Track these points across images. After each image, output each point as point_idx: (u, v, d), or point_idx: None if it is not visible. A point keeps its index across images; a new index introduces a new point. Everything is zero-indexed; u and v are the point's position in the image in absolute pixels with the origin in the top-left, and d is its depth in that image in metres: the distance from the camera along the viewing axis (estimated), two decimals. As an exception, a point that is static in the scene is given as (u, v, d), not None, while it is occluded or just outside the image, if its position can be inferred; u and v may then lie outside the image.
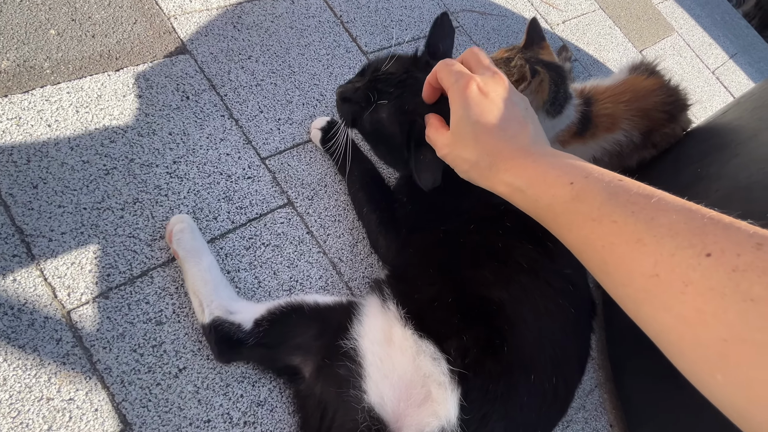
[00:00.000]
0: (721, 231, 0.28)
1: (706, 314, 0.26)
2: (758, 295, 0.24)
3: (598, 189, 0.35)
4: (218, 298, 0.57)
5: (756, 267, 0.25)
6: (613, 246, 0.32)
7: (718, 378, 0.26)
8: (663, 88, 0.89)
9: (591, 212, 0.34)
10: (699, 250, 0.27)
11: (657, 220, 0.30)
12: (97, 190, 0.62)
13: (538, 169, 0.40)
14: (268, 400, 0.59)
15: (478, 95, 0.45)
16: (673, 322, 0.28)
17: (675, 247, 0.29)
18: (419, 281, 0.59)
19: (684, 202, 0.31)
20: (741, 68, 1.77)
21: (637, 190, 0.33)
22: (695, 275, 0.27)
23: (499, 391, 0.51)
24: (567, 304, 0.57)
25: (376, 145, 0.69)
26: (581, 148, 0.89)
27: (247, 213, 0.69)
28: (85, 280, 0.57)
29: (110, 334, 0.55)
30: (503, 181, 0.43)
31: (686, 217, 0.29)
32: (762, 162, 0.61)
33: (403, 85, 0.63)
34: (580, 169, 0.37)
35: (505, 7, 1.25)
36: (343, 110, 0.67)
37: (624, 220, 0.32)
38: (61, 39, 0.69)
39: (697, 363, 0.27)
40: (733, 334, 0.25)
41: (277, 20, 0.89)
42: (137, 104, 0.69)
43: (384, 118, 0.63)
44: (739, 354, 0.25)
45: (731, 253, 0.26)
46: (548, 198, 0.38)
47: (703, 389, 0.27)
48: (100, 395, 0.52)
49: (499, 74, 0.47)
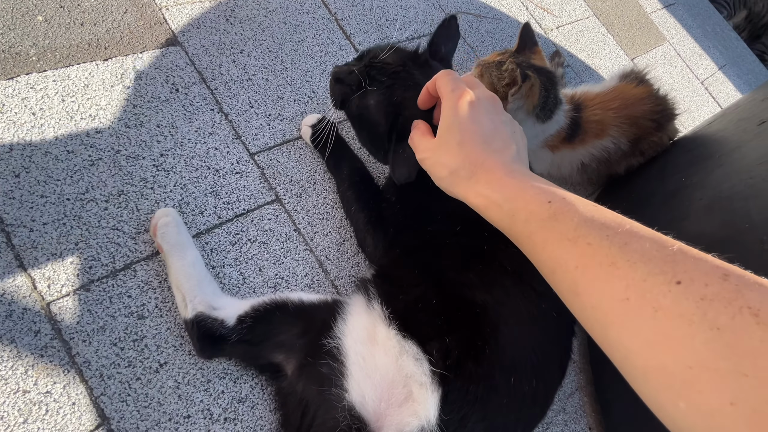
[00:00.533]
0: (690, 261, 0.28)
1: (673, 340, 0.27)
2: (724, 324, 0.25)
3: (574, 211, 0.36)
4: (202, 293, 0.56)
5: (722, 297, 0.26)
6: (586, 267, 0.33)
7: (680, 406, 0.26)
8: (652, 97, 0.90)
9: (567, 232, 0.35)
10: (670, 277, 0.28)
11: (630, 246, 0.31)
12: (81, 181, 0.61)
13: (518, 185, 0.41)
14: (249, 396, 0.58)
15: (470, 107, 0.46)
16: (640, 346, 0.28)
17: (647, 272, 0.29)
18: (404, 282, 0.59)
19: (655, 232, 0.32)
20: (729, 79, 1.80)
21: (611, 216, 0.34)
22: (665, 301, 0.28)
23: (480, 392, 0.51)
24: (549, 308, 0.58)
25: (359, 131, 0.70)
26: (570, 153, 0.90)
27: (234, 208, 0.68)
28: (66, 271, 0.56)
29: (90, 327, 0.55)
30: (481, 193, 0.43)
31: (658, 245, 0.30)
32: (744, 173, 0.62)
33: (396, 76, 0.64)
34: (557, 192, 0.38)
35: (500, 11, 1.26)
36: (334, 90, 0.68)
37: (599, 242, 0.32)
38: (48, 26, 0.68)
39: (661, 389, 0.28)
40: (698, 362, 0.25)
41: (270, 15, 0.88)
42: (125, 95, 0.69)
43: (371, 104, 0.64)
44: (703, 382, 0.25)
45: (700, 283, 0.27)
46: (525, 214, 0.39)
47: (665, 417, 0.28)
48: (78, 389, 0.52)
49: (494, 96, 0.50)
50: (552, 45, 1.31)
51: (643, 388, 0.29)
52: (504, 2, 1.28)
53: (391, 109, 0.63)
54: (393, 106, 0.63)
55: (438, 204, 0.66)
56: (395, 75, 0.64)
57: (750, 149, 0.65)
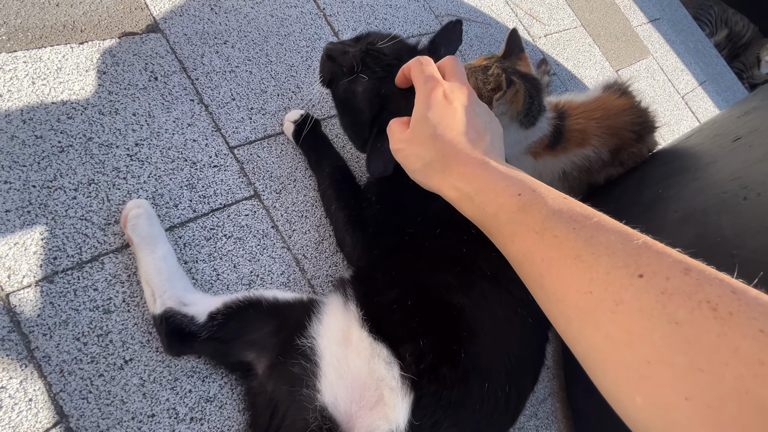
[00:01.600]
0: (654, 254, 0.28)
1: (632, 334, 0.27)
2: (682, 319, 0.25)
3: (543, 203, 0.35)
4: (172, 288, 0.55)
5: (682, 291, 0.26)
6: (552, 260, 0.33)
7: (637, 401, 0.26)
8: (633, 109, 0.91)
9: (535, 225, 0.35)
10: (632, 270, 0.28)
11: (596, 239, 0.31)
12: (49, 168, 0.58)
13: (489, 177, 0.40)
14: (217, 396, 0.57)
15: (442, 100, 0.46)
16: (601, 340, 0.28)
17: (610, 266, 0.29)
18: (381, 283, 0.58)
19: (622, 225, 0.32)
20: (709, 95, 1.85)
21: (579, 209, 0.34)
22: (627, 295, 0.28)
23: (453, 397, 0.51)
24: (525, 313, 0.58)
25: (342, 114, 0.70)
26: (552, 160, 0.91)
27: (210, 202, 0.67)
28: (28, 262, 0.54)
29: (52, 321, 0.52)
30: (453, 185, 0.43)
31: (623, 239, 0.30)
32: (717, 187, 0.64)
33: (389, 69, 0.64)
34: (528, 183, 0.38)
35: (489, 16, 1.26)
36: (324, 67, 0.68)
37: (565, 235, 0.32)
38: (21, 4, 0.65)
39: (619, 384, 0.28)
40: (656, 356, 0.25)
41: (257, 6, 0.86)
42: (100, 81, 0.66)
43: (359, 91, 0.64)
44: (660, 376, 0.25)
45: (661, 276, 0.27)
46: (495, 207, 0.39)
47: (622, 412, 0.28)
48: (35, 384, 0.50)
49: (467, 85, 0.49)
50: (539, 52, 1.32)
51: (602, 382, 0.29)
52: (494, 7, 1.29)
53: (378, 101, 0.63)
54: (380, 98, 0.63)
55: (418, 205, 0.66)
56: (389, 67, 0.64)
57: (724, 164, 0.66)
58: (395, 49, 0.66)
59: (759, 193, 0.57)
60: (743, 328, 0.23)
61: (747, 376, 0.22)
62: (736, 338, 0.23)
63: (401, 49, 0.67)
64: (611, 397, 0.28)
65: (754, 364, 0.22)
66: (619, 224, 0.32)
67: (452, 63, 0.50)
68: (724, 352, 0.23)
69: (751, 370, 0.22)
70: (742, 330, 0.23)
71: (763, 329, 0.23)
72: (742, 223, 0.58)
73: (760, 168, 0.59)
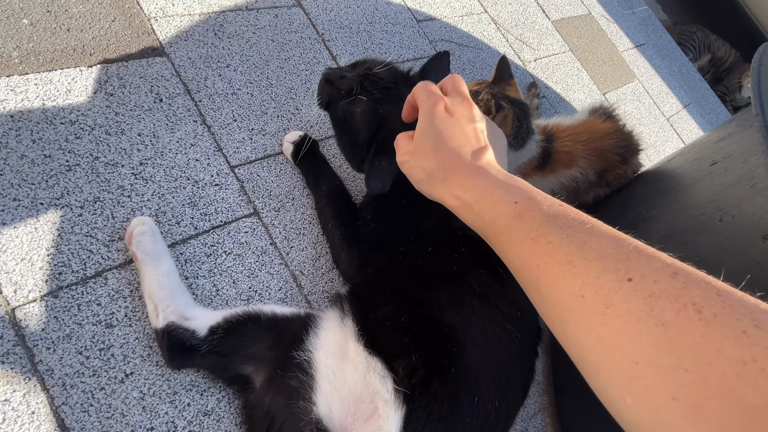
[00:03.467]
0: (644, 259, 0.29)
1: (622, 336, 0.28)
2: (668, 321, 0.26)
3: (539, 210, 0.37)
4: (174, 303, 0.56)
5: (669, 294, 0.27)
6: (546, 265, 0.34)
7: (627, 401, 0.27)
8: (618, 132, 0.96)
9: (530, 231, 0.36)
10: (622, 274, 0.29)
11: (588, 244, 0.32)
12: (56, 186, 0.61)
13: (488, 186, 0.42)
14: (215, 410, 0.58)
15: (443, 113, 0.48)
16: (593, 342, 0.29)
17: (601, 270, 0.30)
18: (375, 300, 0.60)
19: (615, 231, 0.33)
20: (693, 118, 1.91)
21: (574, 215, 0.35)
22: (616, 298, 0.28)
23: (444, 411, 0.52)
24: (514, 329, 0.60)
25: (340, 134, 0.73)
26: (541, 181, 0.94)
27: (211, 220, 0.69)
28: (34, 277, 0.55)
29: (56, 335, 0.54)
30: (454, 194, 0.45)
31: (615, 244, 0.31)
32: (696, 209, 0.67)
33: (386, 91, 0.67)
34: (525, 191, 0.39)
35: (481, 41, 1.31)
36: (323, 90, 0.71)
37: (559, 241, 0.33)
38: (33, 29, 0.68)
39: (611, 384, 0.28)
40: (644, 357, 0.26)
41: (259, 32, 0.90)
42: (108, 102, 0.69)
43: (358, 112, 0.68)
44: (648, 377, 0.26)
45: (649, 280, 0.28)
46: (493, 214, 0.40)
47: (615, 412, 0.29)
48: (38, 397, 0.51)
49: (468, 100, 0.51)
50: (529, 76, 1.37)
51: (595, 384, 0.30)
52: (485, 33, 1.34)
53: (375, 121, 0.67)
54: (378, 118, 0.67)
55: (411, 224, 0.68)
56: (386, 90, 0.68)
57: (702, 187, 0.70)
58: (390, 74, 0.70)
59: (733, 215, 0.61)
60: (727, 329, 0.24)
61: (730, 375, 0.23)
62: (719, 339, 0.24)
63: (396, 75, 0.71)
64: (604, 398, 0.29)
65: (737, 364, 0.23)
66: (612, 230, 0.33)
67: (453, 80, 0.53)
68: (708, 352, 0.24)
69: (734, 369, 0.23)
70: (726, 331, 0.24)
71: (746, 330, 0.24)
72: (718, 244, 0.61)
73: (734, 192, 0.63)
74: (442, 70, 0.76)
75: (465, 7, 1.34)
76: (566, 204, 0.38)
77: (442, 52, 0.74)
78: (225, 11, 0.88)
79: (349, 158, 0.74)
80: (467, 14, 1.34)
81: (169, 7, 0.82)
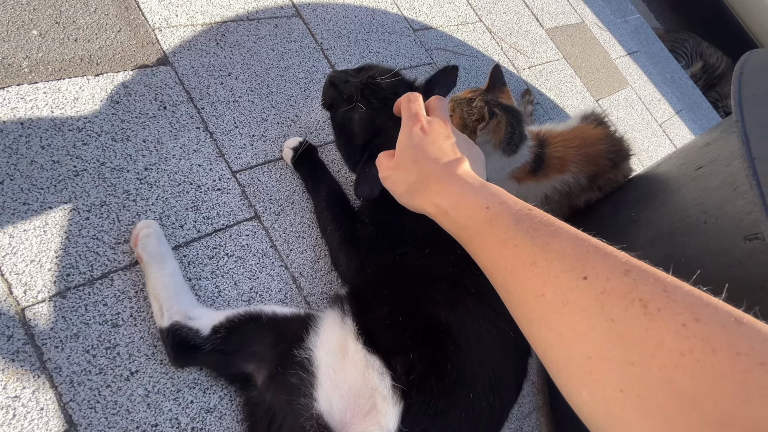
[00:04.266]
0: (600, 258, 0.31)
1: (577, 332, 0.29)
2: (617, 316, 0.27)
3: (508, 215, 0.38)
4: (178, 303, 0.58)
5: (619, 290, 0.28)
6: (513, 267, 0.35)
7: (583, 395, 0.28)
8: (608, 138, 0.98)
9: (499, 235, 0.38)
10: (579, 273, 0.30)
11: (551, 245, 0.33)
12: (64, 191, 0.63)
13: (463, 193, 0.44)
14: (218, 407, 0.60)
15: (422, 132, 0.52)
16: (554, 339, 0.31)
17: (560, 269, 0.32)
18: (374, 300, 0.62)
19: (578, 232, 0.34)
20: (685, 123, 1.95)
21: (540, 218, 0.37)
22: (572, 296, 0.30)
23: (440, 407, 0.54)
24: (507, 328, 0.62)
25: (338, 136, 0.77)
26: (535, 185, 0.97)
27: (213, 223, 0.71)
28: (43, 278, 0.57)
29: (64, 334, 0.56)
30: (432, 202, 0.47)
31: (575, 244, 0.33)
32: (682, 212, 0.69)
33: (385, 102, 0.71)
34: (497, 197, 0.41)
35: (476, 49, 1.35)
36: (326, 92, 0.76)
37: (524, 243, 0.35)
38: (42, 40, 0.71)
39: (569, 380, 0.30)
40: (596, 352, 0.28)
41: (259, 41, 0.93)
42: (114, 110, 0.71)
43: (356, 119, 0.71)
44: (599, 371, 0.27)
45: (602, 277, 0.29)
46: (466, 220, 0.42)
47: (575, 407, 0.30)
48: (47, 394, 0.53)
49: (444, 120, 0.55)
50: (523, 83, 1.40)
51: (558, 380, 0.31)
52: (480, 42, 1.37)
53: (371, 129, 0.70)
54: (373, 126, 0.70)
55: (407, 227, 0.70)
56: (385, 100, 0.71)
57: (688, 191, 0.73)
58: (393, 84, 0.73)
59: (717, 217, 0.63)
60: (668, 323, 0.26)
61: (670, 366, 0.25)
62: (661, 332, 0.25)
63: (399, 84, 0.74)
64: (565, 394, 0.31)
65: (676, 355, 0.24)
66: (574, 231, 0.34)
67: (437, 102, 0.57)
68: (651, 345, 0.25)
69: (674, 360, 0.24)
70: (667, 324, 0.26)
71: (685, 323, 0.25)
72: (703, 245, 0.64)
73: (718, 195, 0.65)
74: (449, 84, 0.78)
75: (460, 17, 1.38)
76: (536, 208, 0.39)
77: (450, 66, 0.77)
78: (227, 21, 0.91)
79: (345, 158, 0.79)
80: (462, 23, 1.37)
81: (173, 18, 0.85)
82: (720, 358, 0.24)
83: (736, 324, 0.25)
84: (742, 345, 0.24)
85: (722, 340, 0.24)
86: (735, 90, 0.64)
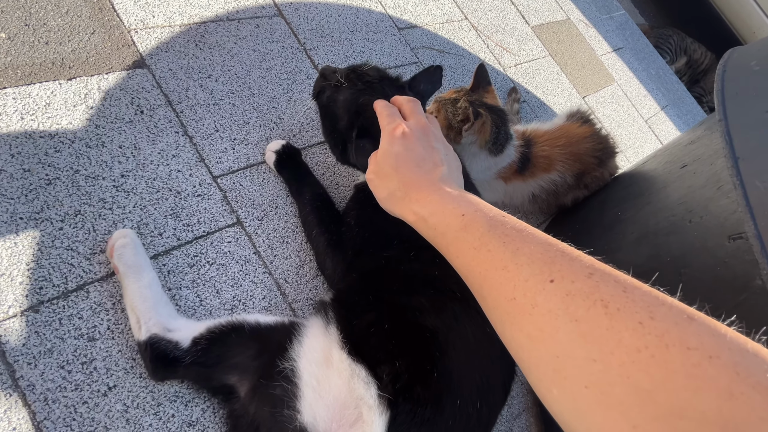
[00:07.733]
0: (566, 262, 0.32)
1: (545, 333, 0.30)
2: (581, 317, 0.29)
3: (482, 221, 0.40)
4: (157, 315, 0.57)
5: (583, 292, 0.29)
6: (487, 272, 0.36)
7: (554, 392, 0.29)
8: (594, 136, 0.98)
9: (473, 241, 0.39)
10: (546, 276, 0.32)
11: (521, 250, 0.35)
12: (36, 200, 0.60)
13: (440, 201, 0.45)
14: (200, 420, 0.59)
15: (402, 137, 0.52)
16: (525, 340, 0.32)
17: (529, 273, 0.33)
18: (359, 307, 0.61)
19: (548, 237, 0.36)
20: (670, 119, 1.96)
21: (512, 224, 0.38)
22: (540, 298, 0.31)
23: (427, 415, 0.54)
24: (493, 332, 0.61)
25: (324, 121, 0.77)
26: (522, 185, 0.96)
27: (194, 230, 0.69)
28: (14, 292, 0.55)
29: (37, 350, 0.54)
30: (411, 210, 0.48)
31: (543, 249, 0.34)
32: (667, 211, 0.69)
33: (370, 85, 0.72)
34: (472, 204, 0.42)
35: (462, 47, 1.34)
36: (317, 83, 0.77)
37: (496, 249, 0.36)
38: (11, 43, 0.68)
39: (540, 378, 0.31)
40: (562, 351, 0.29)
41: (240, 42, 0.91)
42: (88, 115, 0.69)
43: (340, 99, 0.72)
44: (566, 369, 0.28)
45: (568, 280, 0.31)
46: (443, 227, 0.43)
47: (547, 405, 0.31)
48: (20, 413, 0.51)
49: (424, 123, 0.55)
50: (510, 82, 1.40)
51: (530, 378, 0.32)
52: (466, 40, 1.37)
53: (354, 109, 0.70)
54: (357, 106, 0.70)
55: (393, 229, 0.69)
56: (370, 84, 0.72)
57: (673, 190, 0.73)
58: (377, 74, 0.75)
59: (701, 216, 0.63)
60: (626, 321, 0.27)
61: (628, 362, 0.26)
62: (620, 330, 0.27)
63: (384, 75, 0.75)
64: (538, 393, 0.32)
65: (633, 352, 0.26)
66: (544, 236, 0.36)
67: (410, 105, 0.57)
68: (611, 343, 0.27)
69: (631, 357, 0.26)
70: (626, 323, 0.27)
71: (642, 321, 0.26)
72: (688, 244, 0.64)
73: (702, 193, 0.65)
74: (434, 83, 0.78)
75: (446, 15, 1.37)
76: (509, 215, 0.41)
77: (435, 65, 0.77)
78: (206, 22, 0.89)
79: (332, 147, 0.78)
80: (448, 21, 1.36)
81: (150, 19, 0.82)
82: (672, 353, 0.25)
83: (687, 320, 0.26)
84: (693, 340, 0.25)
85: (674, 336, 0.25)
86: (718, 88, 0.63)
